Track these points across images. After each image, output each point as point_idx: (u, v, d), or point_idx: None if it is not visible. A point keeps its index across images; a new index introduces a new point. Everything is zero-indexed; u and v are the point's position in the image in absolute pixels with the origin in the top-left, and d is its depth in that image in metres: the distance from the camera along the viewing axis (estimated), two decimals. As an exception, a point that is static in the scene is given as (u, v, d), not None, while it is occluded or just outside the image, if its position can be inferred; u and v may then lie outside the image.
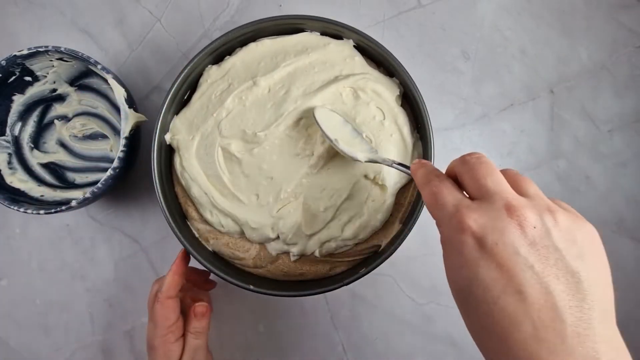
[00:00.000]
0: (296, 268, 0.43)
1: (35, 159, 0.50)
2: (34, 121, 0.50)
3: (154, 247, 0.52)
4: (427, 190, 0.28)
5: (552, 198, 0.26)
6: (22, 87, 0.47)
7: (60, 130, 0.51)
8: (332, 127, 0.40)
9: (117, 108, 0.50)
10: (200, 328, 0.41)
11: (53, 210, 0.42)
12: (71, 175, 0.51)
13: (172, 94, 0.42)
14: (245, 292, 0.41)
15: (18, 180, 0.47)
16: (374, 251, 0.43)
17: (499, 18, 0.54)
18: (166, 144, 0.44)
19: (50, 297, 0.52)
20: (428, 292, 0.52)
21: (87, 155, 0.51)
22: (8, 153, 0.47)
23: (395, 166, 0.36)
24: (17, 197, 0.45)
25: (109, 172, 0.42)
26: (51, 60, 0.46)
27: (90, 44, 0.54)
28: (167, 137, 0.43)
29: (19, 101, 0.48)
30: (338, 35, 0.44)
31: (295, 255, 0.42)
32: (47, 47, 0.43)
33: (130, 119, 0.42)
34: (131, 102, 0.44)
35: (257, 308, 0.52)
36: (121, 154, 0.42)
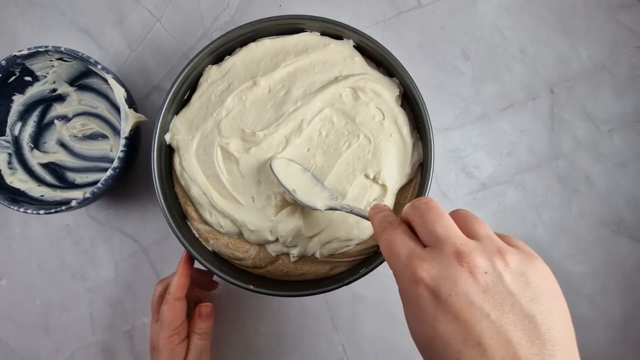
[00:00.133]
0: (296, 268, 0.43)
1: (35, 159, 0.50)
2: (34, 121, 0.50)
3: (154, 247, 0.52)
4: (382, 239, 0.28)
5: (502, 235, 0.26)
6: (22, 87, 0.47)
7: (60, 130, 0.51)
8: (290, 176, 0.40)
9: (117, 108, 0.50)
10: (205, 329, 0.41)
11: (53, 210, 0.42)
12: (71, 175, 0.51)
13: (172, 94, 0.42)
14: (245, 292, 0.41)
15: (18, 180, 0.47)
16: (374, 251, 0.43)
17: (499, 18, 0.54)
18: (166, 144, 0.44)
19: (50, 297, 0.52)
20: (428, 292, 0.52)
21: (87, 155, 0.51)
22: (8, 153, 0.47)
23: (355, 213, 0.36)
24: (17, 197, 0.45)
25: (109, 172, 0.42)
26: (51, 60, 0.46)
27: (90, 44, 0.54)
28: (167, 137, 0.43)
29: (19, 101, 0.48)
30: (338, 36, 0.44)
31: (295, 256, 0.42)
32: (47, 47, 0.43)
33: (130, 119, 0.42)
34: (131, 102, 0.44)
35: (257, 308, 0.52)
36: (121, 154, 0.42)
